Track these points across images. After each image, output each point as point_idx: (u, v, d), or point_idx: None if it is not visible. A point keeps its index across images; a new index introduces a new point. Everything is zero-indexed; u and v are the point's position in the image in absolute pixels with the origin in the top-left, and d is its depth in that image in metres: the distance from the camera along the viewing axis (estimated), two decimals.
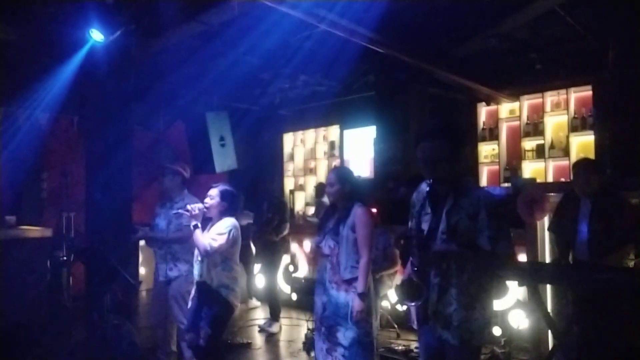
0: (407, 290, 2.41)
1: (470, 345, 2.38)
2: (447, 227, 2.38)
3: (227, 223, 3.61)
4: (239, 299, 3.75)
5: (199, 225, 3.57)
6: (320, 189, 8.06)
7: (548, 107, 6.65)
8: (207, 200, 3.68)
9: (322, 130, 9.06)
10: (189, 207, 3.61)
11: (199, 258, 3.65)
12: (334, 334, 3.24)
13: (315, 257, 3.99)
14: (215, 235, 3.55)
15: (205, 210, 3.63)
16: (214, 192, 3.68)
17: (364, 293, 3.16)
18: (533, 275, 3.34)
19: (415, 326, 2.55)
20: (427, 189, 2.48)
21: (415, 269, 2.40)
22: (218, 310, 3.58)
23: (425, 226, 2.46)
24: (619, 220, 3.47)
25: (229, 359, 3.96)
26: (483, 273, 2.38)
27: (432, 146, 2.39)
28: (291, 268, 6.72)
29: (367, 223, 3.28)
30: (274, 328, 5.75)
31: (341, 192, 3.36)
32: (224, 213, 3.66)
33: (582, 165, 3.75)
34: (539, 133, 6.66)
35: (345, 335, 3.20)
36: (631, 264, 3.50)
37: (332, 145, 8.88)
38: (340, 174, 3.44)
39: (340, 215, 3.36)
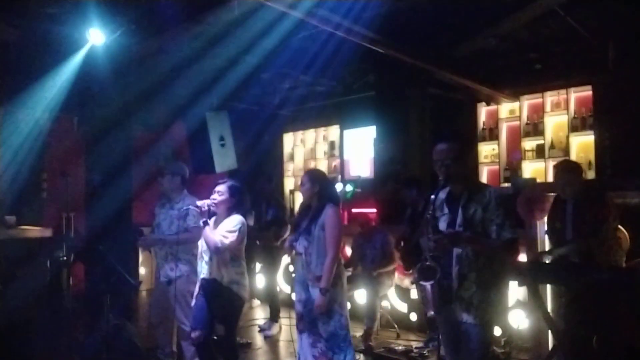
0: (423, 272, 2.66)
1: (488, 324, 2.69)
2: (463, 219, 2.69)
3: (236, 220, 3.58)
4: (248, 290, 3.79)
5: (209, 222, 3.54)
6: None
7: (548, 107, 6.64)
8: (215, 196, 3.63)
9: (322, 130, 9.06)
10: (198, 203, 3.60)
11: (205, 256, 3.62)
12: (316, 327, 3.48)
13: (290, 255, 4.12)
14: (225, 232, 3.52)
15: (213, 206, 3.60)
16: (223, 188, 3.64)
17: (325, 289, 3.36)
18: (533, 275, 3.35)
19: (432, 312, 2.82)
20: (444, 195, 2.80)
21: (431, 254, 2.64)
22: (231, 307, 3.61)
23: (443, 225, 2.76)
24: (599, 215, 3.50)
25: None
26: (494, 259, 2.68)
27: (445, 148, 2.75)
28: (291, 268, 6.72)
29: (335, 223, 3.46)
30: (273, 330, 5.74)
31: (311, 191, 3.56)
32: (231, 209, 3.63)
33: (561, 167, 3.79)
34: (539, 133, 6.66)
35: (324, 329, 3.45)
36: (623, 259, 3.53)
37: (332, 145, 8.88)
38: (311, 175, 3.66)
39: (312, 214, 3.53)
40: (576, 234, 3.56)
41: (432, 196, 2.72)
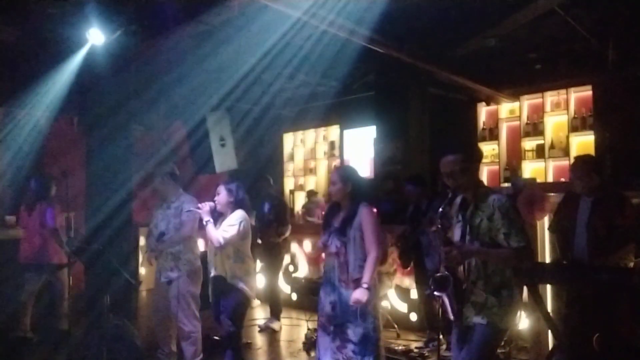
0: (438, 282, 2.70)
1: (498, 326, 2.70)
2: (470, 229, 2.75)
3: (237, 215, 3.76)
4: (254, 290, 3.90)
5: (211, 220, 3.71)
6: (310, 195, 8.25)
7: (548, 107, 6.64)
8: (216, 197, 3.82)
9: (322, 130, 9.06)
10: (199, 205, 3.78)
11: (212, 254, 3.80)
12: (345, 332, 3.31)
13: (318, 256, 4.03)
14: (227, 227, 3.70)
15: (216, 205, 3.77)
16: (221, 188, 3.84)
17: (368, 285, 3.22)
18: (533, 275, 3.35)
19: (451, 318, 2.79)
20: (459, 200, 2.84)
21: (444, 265, 2.70)
22: (235, 302, 3.73)
23: (457, 232, 2.82)
24: (620, 219, 3.45)
25: None
26: (503, 266, 2.72)
27: (452, 160, 2.77)
28: (291, 268, 6.72)
29: (373, 222, 3.34)
30: (275, 325, 5.75)
31: (342, 191, 3.37)
32: (233, 204, 3.80)
33: (582, 161, 3.72)
34: (539, 133, 6.66)
35: (355, 332, 3.29)
36: (631, 264, 3.49)
37: (332, 145, 8.88)
38: (343, 173, 3.46)
39: (345, 215, 3.37)
40: (592, 233, 3.50)
41: (441, 209, 2.78)
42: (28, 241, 5.20)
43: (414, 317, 5.49)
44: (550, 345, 3.92)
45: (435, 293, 2.73)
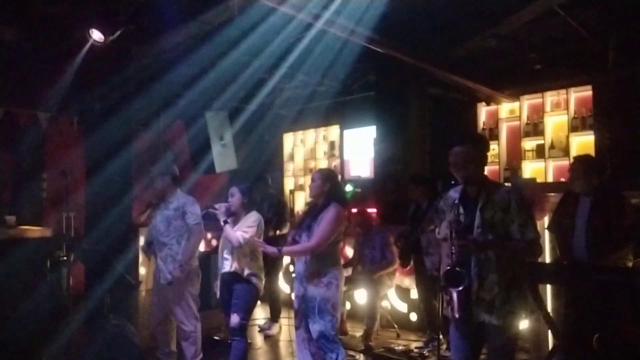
0: (451, 278, 2.63)
1: (512, 323, 2.67)
2: (481, 222, 2.66)
3: (254, 217, 3.94)
4: (262, 286, 4.06)
5: (228, 221, 3.86)
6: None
7: (548, 107, 6.64)
8: (230, 198, 3.98)
9: (322, 130, 9.05)
10: (215, 206, 3.93)
11: (225, 252, 3.92)
12: (309, 325, 3.50)
13: None
14: (246, 228, 3.85)
15: (230, 206, 3.94)
16: (234, 190, 4.00)
17: (279, 250, 3.51)
18: (533, 275, 3.35)
19: (456, 315, 2.70)
20: (457, 195, 2.76)
21: (457, 260, 2.63)
22: (250, 295, 3.91)
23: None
24: (619, 219, 3.45)
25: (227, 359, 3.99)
26: (516, 259, 2.69)
27: (463, 151, 2.71)
28: (291, 268, 6.72)
29: (331, 220, 3.44)
30: (274, 330, 5.74)
31: (320, 189, 3.57)
32: (247, 206, 3.97)
33: (581, 161, 3.72)
34: (539, 133, 6.65)
35: (313, 328, 3.46)
36: (629, 264, 3.49)
37: (332, 145, 8.88)
38: (324, 173, 3.70)
39: (316, 212, 3.54)
40: (591, 233, 3.50)
41: (456, 201, 2.70)
42: None
43: (414, 317, 5.49)
44: (550, 345, 3.92)
45: (451, 289, 2.65)
